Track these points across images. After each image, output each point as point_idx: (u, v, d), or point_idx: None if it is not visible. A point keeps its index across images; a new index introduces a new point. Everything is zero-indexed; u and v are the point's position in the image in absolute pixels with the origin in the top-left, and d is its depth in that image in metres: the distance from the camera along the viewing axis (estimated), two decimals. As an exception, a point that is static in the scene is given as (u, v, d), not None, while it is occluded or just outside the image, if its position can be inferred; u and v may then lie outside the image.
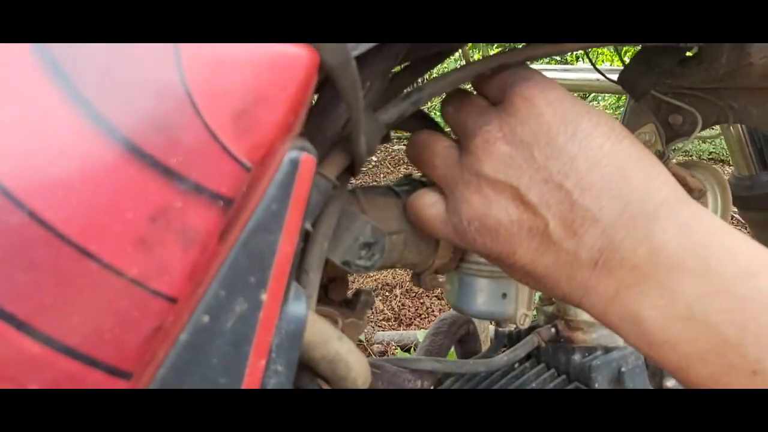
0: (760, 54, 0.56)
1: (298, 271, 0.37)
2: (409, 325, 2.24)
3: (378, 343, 2.05)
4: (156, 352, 0.26)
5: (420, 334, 2.01)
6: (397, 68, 0.42)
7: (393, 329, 2.20)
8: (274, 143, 0.26)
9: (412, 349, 1.99)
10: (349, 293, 0.47)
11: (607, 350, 0.58)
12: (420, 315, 2.28)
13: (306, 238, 0.36)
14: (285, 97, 0.25)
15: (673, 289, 0.31)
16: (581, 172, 0.34)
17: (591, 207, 0.33)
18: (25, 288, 0.22)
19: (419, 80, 0.42)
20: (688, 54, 0.61)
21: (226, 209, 0.25)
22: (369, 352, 2.00)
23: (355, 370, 0.36)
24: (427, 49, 0.41)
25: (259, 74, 0.25)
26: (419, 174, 0.48)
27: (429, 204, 0.40)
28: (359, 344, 2.03)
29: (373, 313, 2.28)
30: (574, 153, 0.34)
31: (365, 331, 2.10)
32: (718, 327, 0.30)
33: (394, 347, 2.04)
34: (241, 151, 0.25)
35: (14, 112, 0.22)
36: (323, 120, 0.35)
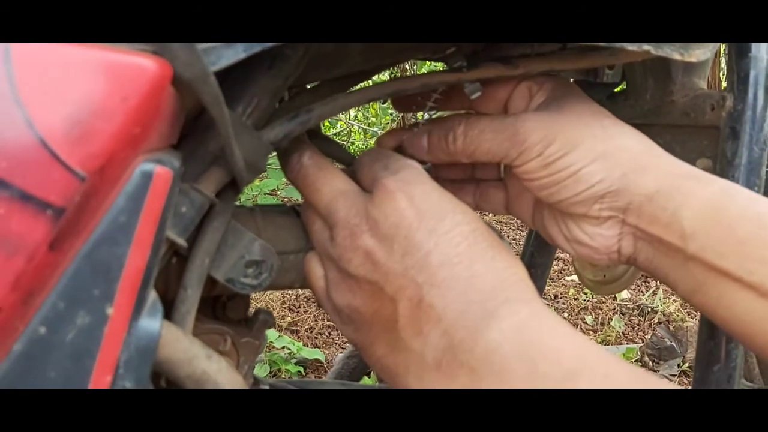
0: (682, 92, 0.57)
1: (175, 287, 0.36)
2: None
3: (339, 365, 2.03)
4: (-21, 362, 0.25)
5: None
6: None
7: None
8: (115, 154, 0.25)
9: (373, 372, 1.97)
10: (250, 312, 0.46)
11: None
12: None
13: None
14: (125, 109, 0.25)
15: None
16: (432, 268, 0.33)
17: (437, 305, 0.33)
18: None
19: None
20: (616, 90, 0.62)
21: (56, 218, 0.24)
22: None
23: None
24: (330, 72, 0.41)
25: (98, 83, 0.25)
26: None
27: (317, 276, 0.40)
28: (319, 365, 2.01)
29: (339, 334, 2.26)
30: (429, 248, 0.34)
31: (327, 352, 2.08)
32: None
33: (355, 370, 2.02)
34: (73, 160, 0.24)
35: None
36: (205, 134, 0.35)
